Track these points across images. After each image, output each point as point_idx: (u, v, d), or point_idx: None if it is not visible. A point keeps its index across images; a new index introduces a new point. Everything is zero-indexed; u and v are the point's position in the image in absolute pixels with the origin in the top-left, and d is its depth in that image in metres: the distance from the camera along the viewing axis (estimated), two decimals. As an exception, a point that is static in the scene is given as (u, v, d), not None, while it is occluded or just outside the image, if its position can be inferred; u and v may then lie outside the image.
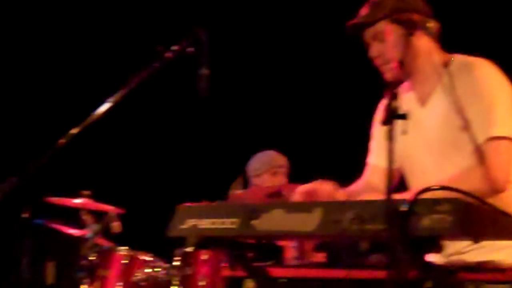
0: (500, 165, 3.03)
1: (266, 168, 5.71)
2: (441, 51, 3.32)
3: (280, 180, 5.65)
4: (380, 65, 3.31)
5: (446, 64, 3.24)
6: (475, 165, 3.02)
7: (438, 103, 3.22)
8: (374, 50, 3.32)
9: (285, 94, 7.04)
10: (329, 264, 2.96)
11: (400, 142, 2.54)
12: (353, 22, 3.33)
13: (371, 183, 3.48)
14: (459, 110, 3.09)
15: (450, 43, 3.32)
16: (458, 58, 3.26)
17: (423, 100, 3.31)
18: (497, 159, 3.02)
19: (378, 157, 3.49)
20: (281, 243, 3.86)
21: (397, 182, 3.29)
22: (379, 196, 3.20)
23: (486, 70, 3.17)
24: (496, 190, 2.98)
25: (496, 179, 3.00)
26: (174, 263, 4.50)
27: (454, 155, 3.16)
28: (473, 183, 2.90)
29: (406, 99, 3.31)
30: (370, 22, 3.29)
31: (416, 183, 3.32)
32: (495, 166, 3.01)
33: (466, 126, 3.07)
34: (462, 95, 3.11)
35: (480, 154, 3.02)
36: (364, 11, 3.32)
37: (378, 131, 3.52)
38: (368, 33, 3.32)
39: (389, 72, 3.23)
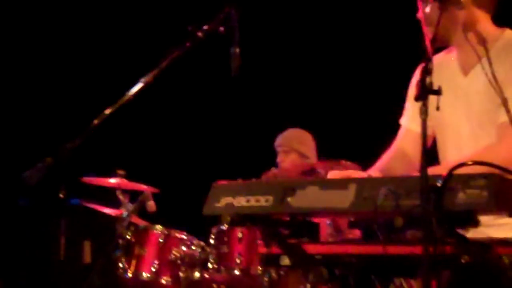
0: None
1: (278, 146, 5.74)
2: (491, 23, 3.28)
3: (292, 158, 5.63)
4: (423, 26, 3.29)
5: (494, 38, 3.20)
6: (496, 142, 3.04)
7: (481, 74, 3.17)
8: (420, 12, 3.29)
9: (314, 70, 7.02)
10: (365, 240, 2.95)
11: (435, 113, 2.53)
12: None
13: (403, 149, 3.46)
14: (499, 85, 3.07)
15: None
16: (509, 34, 3.23)
17: (465, 70, 3.29)
18: None
19: (412, 121, 3.44)
20: (316, 220, 3.86)
21: (430, 147, 3.29)
22: (411, 166, 3.25)
23: None
24: None
25: None
26: (210, 241, 4.52)
27: (491, 127, 3.14)
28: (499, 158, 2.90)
29: (450, 63, 3.31)
30: None
31: (449, 150, 3.32)
32: None
33: (503, 102, 3.06)
34: (507, 70, 3.09)
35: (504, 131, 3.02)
36: None
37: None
38: None
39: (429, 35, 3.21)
